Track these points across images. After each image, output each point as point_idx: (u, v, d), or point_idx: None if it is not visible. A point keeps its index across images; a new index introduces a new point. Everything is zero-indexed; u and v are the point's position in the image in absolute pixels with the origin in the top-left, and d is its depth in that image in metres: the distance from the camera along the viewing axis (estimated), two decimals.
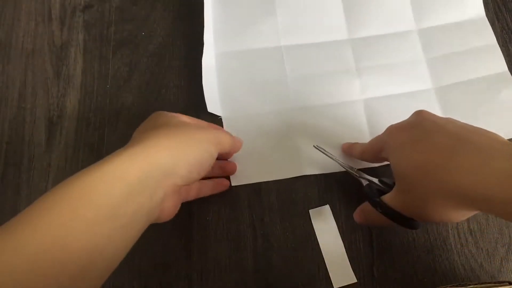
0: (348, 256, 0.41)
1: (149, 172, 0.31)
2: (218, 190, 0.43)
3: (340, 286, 0.40)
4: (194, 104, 0.47)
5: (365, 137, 0.44)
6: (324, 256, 0.41)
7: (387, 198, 0.36)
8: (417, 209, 0.33)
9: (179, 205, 0.36)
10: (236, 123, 0.45)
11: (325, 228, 0.42)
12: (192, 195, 0.41)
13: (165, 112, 0.39)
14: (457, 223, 0.42)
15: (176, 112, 0.46)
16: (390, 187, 0.36)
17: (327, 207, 0.42)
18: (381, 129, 0.39)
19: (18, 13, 0.51)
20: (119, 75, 0.48)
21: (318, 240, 0.41)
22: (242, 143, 0.43)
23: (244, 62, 0.48)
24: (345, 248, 0.41)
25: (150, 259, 0.41)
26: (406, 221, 0.35)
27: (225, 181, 0.43)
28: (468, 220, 0.42)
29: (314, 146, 0.42)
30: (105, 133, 0.46)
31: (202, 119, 0.46)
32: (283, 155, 0.44)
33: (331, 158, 0.41)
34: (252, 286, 0.40)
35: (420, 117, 0.35)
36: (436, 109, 0.45)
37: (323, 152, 0.41)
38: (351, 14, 0.49)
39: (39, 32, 0.50)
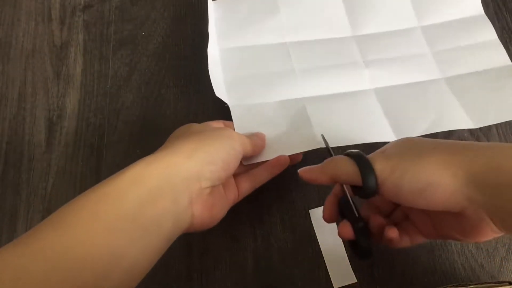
0: (348, 256, 0.41)
1: (169, 177, 0.31)
2: (277, 169, 0.40)
3: (340, 286, 0.40)
4: (194, 104, 0.47)
5: (383, 123, 0.43)
6: (324, 256, 0.41)
7: (374, 153, 0.33)
8: (405, 164, 0.30)
9: (221, 210, 0.36)
10: (243, 111, 0.44)
11: (325, 228, 0.42)
12: (246, 187, 0.39)
13: (195, 123, 0.39)
14: None
15: (175, 111, 0.47)
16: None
17: None
18: (399, 115, 0.41)
19: (18, 13, 0.51)
20: (119, 75, 0.48)
21: (318, 240, 0.41)
22: (264, 142, 0.41)
23: (249, 56, 0.48)
24: (345, 248, 0.41)
25: None
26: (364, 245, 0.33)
27: (283, 158, 0.40)
28: None
29: (321, 135, 0.41)
30: (105, 133, 0.46)
31: (202, 119, 0.46)
32: (295, 132, 0.42)
33: (330, 152, 0.40)
34: (252, 286, 0.40)
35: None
36: (450, 96, 0.45)
37: (325, 144, 0.40)
38: (353, 12, 0.50)
39: (39, 32, 0.50)
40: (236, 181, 0.39)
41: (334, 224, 0.42)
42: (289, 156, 0.40)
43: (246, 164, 0.40)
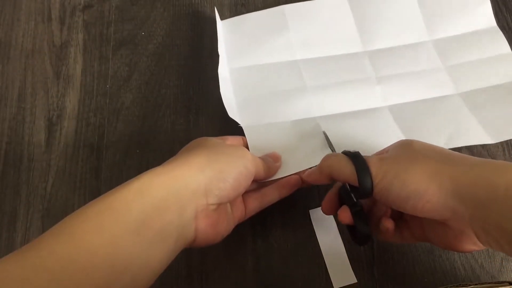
0: (348, 256, 0.41)
1: (175, 190, 0.30)
2: (287, 192, 0.39)
3: (340, 286, 0.40)
4: (194, 104, 0.47)
5: (397, 135, 0.43)
6: (324, 256, 0.41)
7: (371, 156, 0.34)
8: (397, 169, 0.31)
9: (226, 226, 0.35)
10: (257, 132, 0.43)
11: (325, 228, 0.42)
12: (254, 207, 0.38)
13: (211, 137, 0.38)
14: None
15: (175, 112, 0.47)
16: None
17: None
18: (416, 132, 0.41)
19: (17, 12, 0.51)
20: (119, 74, 0.48)
21: (318, 240, 0.41)
22: (278, 167, 0.40)
23: (260, 75, 0.47)
24: (345, 248, 0.41)
25: None
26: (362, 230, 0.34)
27: (294, 179, 0.39)
28: None
29: (323, 132, 0.40)
30: (105, 133, 0.46)
31: (202, 120, 0.46)
32: (309, 150, 0.42)
33: (332, 150, 0.40)
34: (252, 286, 0.40)
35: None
36: (466, 111, 0.44)
37: (327, 141, 0.40)
38: (363, 27, 0.49)
39: (38, 32, 0.50)
40: (244, 199, 0.38)
41: (334, 224, 0.42)
42: (301, 175, 0.40)
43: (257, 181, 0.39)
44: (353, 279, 0.40)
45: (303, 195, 0.43)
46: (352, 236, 0.37)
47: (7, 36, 0.50)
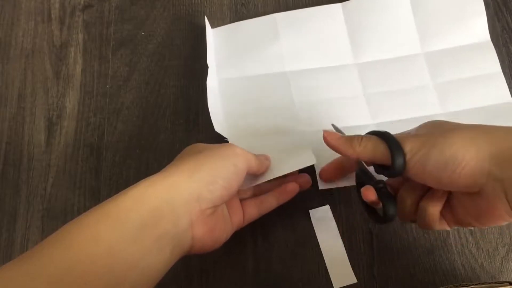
0: (348, 256, 0.41)
1: (169, 199, 0.31)
2: (285, 198, 0.39)
3: (340, 286, 0.40)
4: (194, 104, 0.47)
5: None
6: (324, 256, 0.41)
7: (401, 133, 0.34)
8: (431, 142, 0.31)
9: (223, 232, 0.35)
10: (242, 145, 0.43)
11: (325, 228, 0.42)
12: (252, 213, 0.38)
13: (203, 143, 0.38)
14: None
15: (175, 112, 0.47)
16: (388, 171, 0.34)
17: (327, 207, 0.42)
18: None
19: (17, 12, 0.51)
20: (119, 74, 0.48)
21: (318, 240, 0.41)
22: (269, 161, 0.40)
23: (248, 87, 0.47)
24: (345, 248, 0.41)
25: None
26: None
27: (290, 186, 0.39)
28: None
29: (332, 124, 0.39)
30: (105, 133, 0.46)
31: (202, 120, 0.46)
32: (295, 155, 0.41)
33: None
34: (252, 286, 0.40)
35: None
36: None
37: (338, 131, 0.38)
38: (356, 37, 0.48)
39: (38, 32, 0.50)
40: (242, 205, 0.38)
41: (334, 224, 0.42)
42: (298, 182, 0.40)
43: (252, 185, 0.39)
44: (353, 279, 0.40)
45: (303, 195, 0.43)
46: (373, 216, 0.36)
47: (7, 36, 0.50)
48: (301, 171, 0.40)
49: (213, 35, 0.48)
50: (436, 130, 0.32)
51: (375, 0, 0.49)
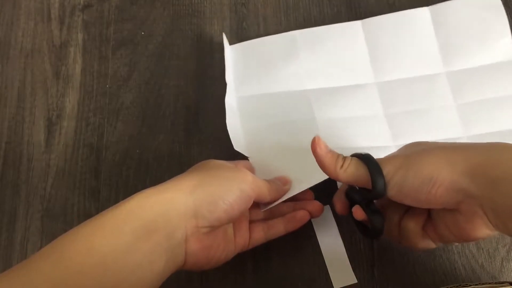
0: (348, 256, 0.41)
1: (164, 212, 0.30)
2: (294, 226, 0.38)
3: (340, 286, 0.40)
4: (194, 104, 0.47)
5: None
6: (324, 256, 0.41)
7: (382, 157, 0.33)
8: (408, 163, 0.31)
9: (222, 253, 0.35)
10: (264, 162, 0.42)
11: (325, 228, 0.42)
12: (259, 237, 0.38)
13: (217, 160, 0.37)
14: None
15: (175, 112, 0.47)
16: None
17: (327, 207, 0.42)
18: None
19: (17, 12, 0.51)
20: (119, 74, 0.48)
21: (318, 240, 0.41)
22: (287, 189, 0.39)
23: (268, 104, 0.46)
24: (345, 248, 0.41)
25: None
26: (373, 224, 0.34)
27: (300, 214, 0.38)
28: None
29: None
30: (105, 133, 0.46)
31: (203, 119, 0.46)
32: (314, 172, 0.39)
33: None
34: (252, 286, 0.40)
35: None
36: None
37: None
38: (376, 56, 0.47)
39: (38, 32, 0.50)
40: (250, 228, 0.38)
41: (334, 224, 0.42)
42: (309, 208, 0.39)
43: (269, 208, 0.38)
44: (353, 279, 0.40)
45: None
46: (364, 232, 0.37)
47: (6, 36, 0.50)
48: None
49: (231, 52, 0.48)
50: (412, 152, 0.32)
51: (396, 18, 0.47)
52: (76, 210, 0.43)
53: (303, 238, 0.41)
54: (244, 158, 0.43)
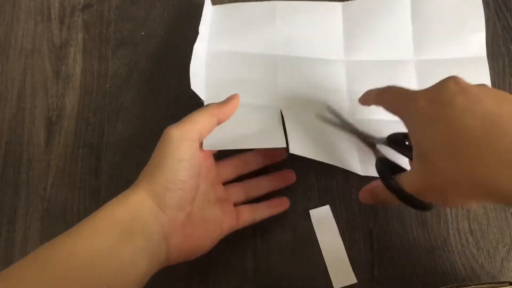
0: (348, 256, 0.41)
1: (138, 215, 0.31)
2: (277, 210, 0.41)
3: (340, 286, 0.40)
4: (194, 104, 0.47)
5: (353, 154, 0.43)
6: (324, 256, 0.41)
7: (403, 178, 0.32)
8: (436, 194, 0.30)
9: (206, 238, 0.35)
10: None
11: (325, 228, 0.42)
12: (246, 218, 0.39)
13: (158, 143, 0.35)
14: (458, 224, 0.42)
15: (175, 112, 0.46)
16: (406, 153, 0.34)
17: (327, 207, 0.42)
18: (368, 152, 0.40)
19: (17, 12, 0.51)
20: (119, 74, 0.48)
21: (318, 240, 0.41)
22: (234, 105, 0.38)
23: (235, 62, 0.47)
24: (345, 248, 0.41)
25: None
26: (419, 204, 0.32)
27: (283, 200, 0.41)
28: (468, 220, 0.42)
29: (327, 106, 0.38)
30: (105, 133, 0.46)
31: None
32: (265, 127, 0.41)
33: (342, 124, 0.37)
34: (252, 286, 0.40)
35: (453, 89, 0.30)
36: None
37: (335, 115, 0.37)
38: (350, 36, 0.48)
39: (38, 32, 0.50)
40: (237, 211, 0.39)
41: (334, 224, 0.42)
42: (271, 152, 0.41)
43: (217, 149, 0.38)
44: (353, 279, 0.40)
45: (303, 195, 0.43)
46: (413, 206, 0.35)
47: (6, 35, 0.50)
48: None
49: (212, 10, 0.49)
50: (438, 169, 0.28)
51: (377, 3, 0.49)
52: (76, 210, 0.43)
53: (303, 238, 0.41)
54: None
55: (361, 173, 0.41)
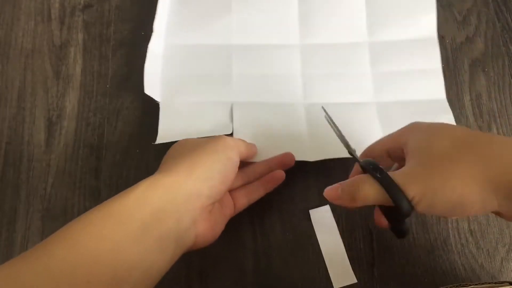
0: (348, 256, 0.41)
1: (172, 198, 0.31)
2: (272, 186, 0.40)
3: (340, 286, 0.40)
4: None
5: (303, 137, 0.43)
6: (324, 256, 0.41)
7: (398, 173, 0.31)
8: (434, 186, 0.29)
9: (220, 225, 0.36)
10: (173, 109, 0.45)
11: (325, 228, 0.42)
12: (242, 202, 0.39)
13: (190, 139, 0.38)
14: (458, 223, 0.42)
15: None
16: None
17: (327, 207, 0.42)
18: (321, 134, 0.41)
19: (17, 12, 0.51)
20: (119, 74, 0.48)
21: (318, 240, 0.41)
22: (256, 148, 0.42)
23: (192, 55, 0.48)
24: (345, 248, 0.41)
25: None
26: (404, 205, 0.30)
27: (277, 173, 0.40)
28: (468, 220, 0.42)
29: (322, 107, 0.37)
30: (105, 133, 0.46)
31: None
32: (216, 123, 0.44)
33: (333, 127, 0.37)
34: (252, 286, 0.40)
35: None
36: (376, 124, 0.44)
37: (327, 119, 0.36)
38: (305, 20, 0.49)
39: (38, 32, 0.50)
40: (232, 196, 0.39)
41: (334, 224, 0.42)
42: (280, 159, 0.41)
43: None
44: (353, 279, 0.40)
45: (303, 195, 0.43)
46: (392, 219, 0.35)
47: (6, 36, 0.50)
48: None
49: (169, 3, 0.49)
50: (430, 167, 0.30)
51: None
52: (76, 210, 0.43)
53: (303, 238, 0.41)
54: None
55: (311, 159, 0.41)
